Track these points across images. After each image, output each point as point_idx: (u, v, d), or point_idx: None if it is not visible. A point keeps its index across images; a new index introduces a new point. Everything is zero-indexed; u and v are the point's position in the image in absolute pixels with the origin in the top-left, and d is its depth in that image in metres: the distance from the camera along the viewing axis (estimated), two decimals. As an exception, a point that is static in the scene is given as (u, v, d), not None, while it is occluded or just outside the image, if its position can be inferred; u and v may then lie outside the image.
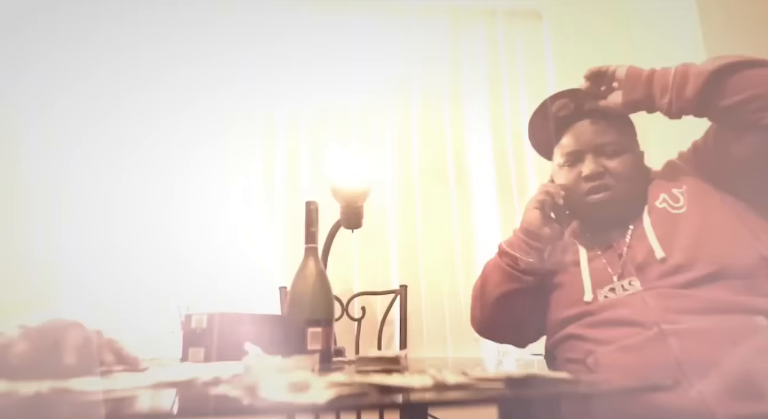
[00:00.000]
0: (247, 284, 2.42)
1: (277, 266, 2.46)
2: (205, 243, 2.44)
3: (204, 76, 2.62)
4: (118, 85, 2.56)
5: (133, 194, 2.45)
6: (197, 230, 2.46)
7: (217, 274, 2.41)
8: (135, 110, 2.54)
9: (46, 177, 2.40)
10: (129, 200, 2.44)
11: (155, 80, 2.58)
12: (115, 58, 2.56)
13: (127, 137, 2.50)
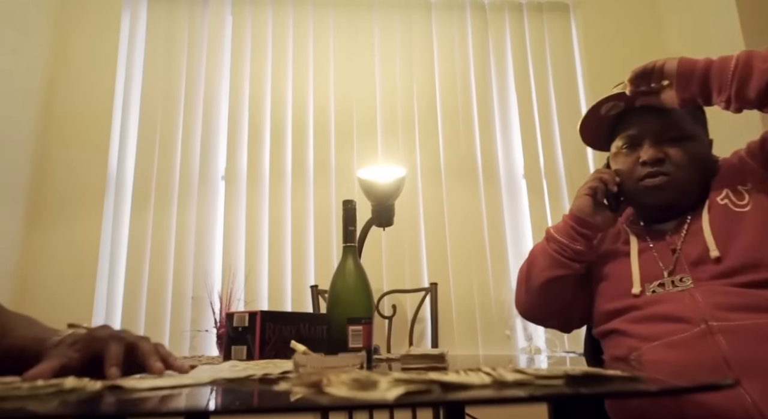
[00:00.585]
0: (279, 282, 2.45)
1: (308, 265, 2.48)
2: (236, 242, 2.48)
3: (234, 73, 2.66)
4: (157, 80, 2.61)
5: (169, 192, 2.50)
6: (228, 229, 2.49)
7: (249, 272, 2.44)
8: (179, 107, 2.59)
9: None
10: (164, 197, 2.49)
11: (205, 76, 2.63)
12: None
13: (170, 133, 2.56)
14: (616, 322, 1.09)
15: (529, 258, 1.23)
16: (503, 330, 2.45)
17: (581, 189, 1.19)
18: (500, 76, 2.79)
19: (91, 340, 0.65)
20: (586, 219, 1.15)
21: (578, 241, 1.15)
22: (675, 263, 1.06)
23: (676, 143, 1.10)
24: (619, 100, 1.19)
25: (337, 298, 1.04)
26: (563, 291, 1.18)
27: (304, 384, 0.48)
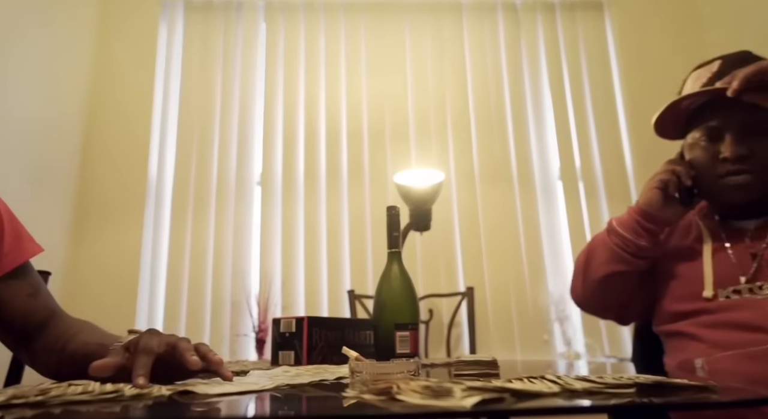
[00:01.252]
0: (314, 286, 2.47)
1: (344, 269, 2.49)
2: (272, 247, 2.51)
3: (268, 80, 2.71)
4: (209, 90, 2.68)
5: (206, 198, 2.55)
6: (264, 234, 2.53)
7: (285, 276, 2.47)
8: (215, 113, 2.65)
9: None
10: (202, 203, 2.54)
11: (246, 84, 2.68)
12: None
13: (205, 143, 2.61)
14: (684, 324, 1.03)
15: (588, 249, 1.16)
16: (541, 334, 2.42)
17: (651, 181, 1.10)
18: (533, 77, 2.76)
19: (134, 347, 0.66)
20: (653, 214, 1.07)
21: (643, 236, 1.07)
22: (756, 270, 0.97)
23: (764, 139, 1.00)
24: (708, 96, 1.07)
25: (383, 304, 1.04)
26: (623, 287, 1.12)
27: (372, 392, 0.49)
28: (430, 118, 2.69)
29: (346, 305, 2.40)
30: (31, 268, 0.90)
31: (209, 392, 0.55)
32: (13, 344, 0.89)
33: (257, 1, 2.77)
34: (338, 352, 1.13)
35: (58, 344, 0.83)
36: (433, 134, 2.68)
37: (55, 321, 0.87)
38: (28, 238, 0.91)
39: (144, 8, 2.72)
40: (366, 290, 2.44)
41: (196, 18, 2.75)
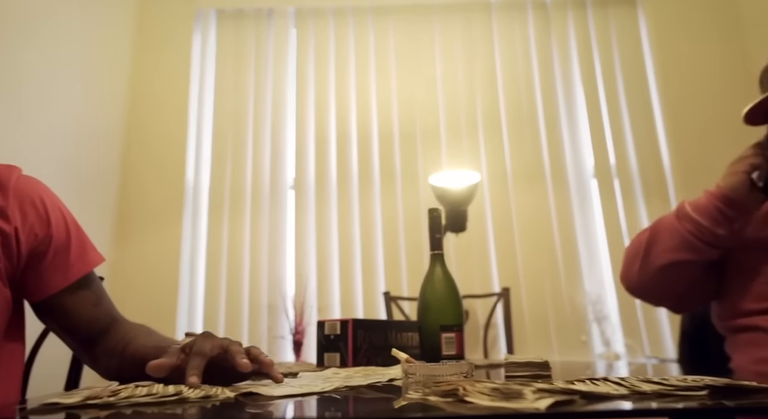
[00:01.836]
0: (349, 288, 2.49)
1: (378, 271, 2.50)
2: (306, 250, 2.54)
3: (299, 84, 2.74)
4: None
5: (241, 203, 2.59)
6: (298, 237, 2.56)
7: (320, 279, 2.50)
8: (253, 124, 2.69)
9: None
10: (238, 208, 2.59)
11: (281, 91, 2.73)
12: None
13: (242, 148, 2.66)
14: (763, 319, 0.97)
15: (651, 232, 1.07)
16: (579, 335, 2.38)
17: (738, 164, 1.01)
18: (565, 75, 2.73)
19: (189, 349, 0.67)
20: (737, 200, 0.98)
21: (721, 224, 0.98)
22: None
23: None
24: None
25: (427, 306, 1.05)
26: (685, 276, 1.05)
27: (436, 393, 0.49)
28: (460, 118, 2.68)
29: (381, 306, 2.40)
30: (94, 277, 0.93)
31: (273, 394, 0.57)
32: (76, 348, 0.92)
33: (287, 8, 2.81)
34: (382, 354, 1.14)
35: (118, 348, 0.85)
36: (464, 135, 2.67)
37: (116, 327, 0.90)
38: (92, 248, 0.94)
39: (178, 18, 2.79)
40: (400, 291, 2.44)
41: (228, 25, 2.81)
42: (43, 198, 0.89)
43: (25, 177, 0.90)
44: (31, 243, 0.85)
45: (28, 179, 0.90)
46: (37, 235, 0.86)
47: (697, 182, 2.44)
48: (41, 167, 1.99)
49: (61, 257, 0.87)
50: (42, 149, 2.01)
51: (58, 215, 0.90)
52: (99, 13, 2.43)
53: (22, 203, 0.85)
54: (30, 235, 0.85)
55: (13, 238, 0.83)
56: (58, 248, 0.88)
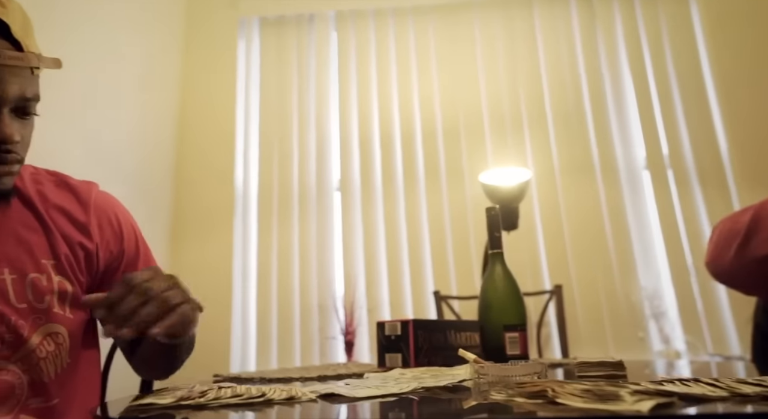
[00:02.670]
0: (398, 288, 2.49)
1: (426, 270, 2.50)
2: (354, 251, 2.56)
3: (341, 87, 2.76)
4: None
5: (289, 206, 2.64)
6: (346, 238, 2.58)
7: (369, 279, 2.51)
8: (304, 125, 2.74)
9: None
10: (286, 211, 2.63)
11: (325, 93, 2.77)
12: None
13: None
14: None
15: (754, 217, 0.97)
16: (636, 332, 2.31)
17: None
18: (612, 66, 2.65)
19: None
20: None
21: None
22: None
23: None
24: None
25: (489, 305, 1.04)
26: None
27: (522, 395, 0.49)
28: (505, 114, 2.65)
29: (431, 306, 2.40)
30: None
31: (355, 395, 0.58)
32: (125, 348, 0.98)
33: (328, 12, 2.84)
34: (442, 354, 1.14)
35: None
36: (509, 131, 2.63)
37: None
38: (154, 262, 0.97)
39: (223, 28, 2.86)
40: (449, 290, 2.43)
41: (270, 32, 2.86)
42: (117, 214, 0.93)
43: (102, 193, 0.94)
44: (107, 259, 0.90)
45: (105, 195, 0.94)
46: (112, 251, 0.90)
47: (757, 169, 2.35)
48: (101, 177, 2.08)
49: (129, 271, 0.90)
50: (101, 159, 2.10)
51: (130, 230, 0.94)
52: (149, 26, 2.52)
53: (101, 220, 0.89)
54: (106, 251, 0.89)
55: (95, 255, 0.87)
56: (128, 264, 0.92)
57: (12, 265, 0.80)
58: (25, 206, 0.84)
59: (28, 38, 0.74)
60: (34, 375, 0.81)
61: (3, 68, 0.70)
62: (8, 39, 0.72)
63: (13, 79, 0.71)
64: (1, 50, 0.70)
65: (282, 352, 2.45)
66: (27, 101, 0.75)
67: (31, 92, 0.74)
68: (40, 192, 0.86)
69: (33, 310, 0.81)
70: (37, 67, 0.74)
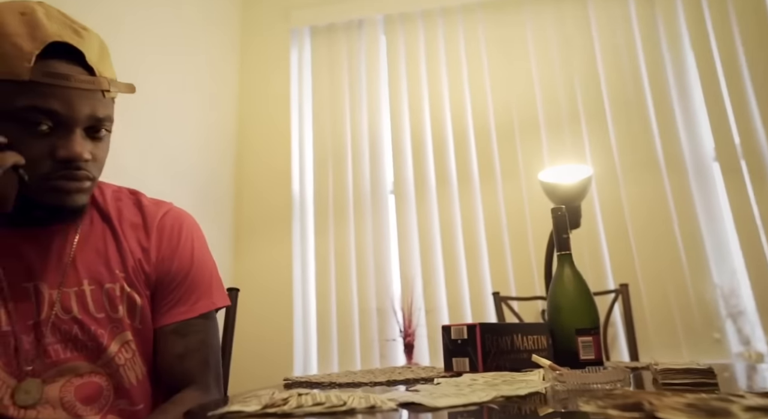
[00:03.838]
0: (456, 290, 2.47)
1: (484, 271, 2.47)
2: (410, 253, 2.56)
3: (392, 90, 2.77)
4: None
5: (344, 210, 2.67)
6: (401, 241, 2.59)
7: (426, 281, 2.50)
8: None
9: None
10: (341, 216, 2.67)
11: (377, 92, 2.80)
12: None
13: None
14: None
15: None
16: (711, 333, 2.19)
17: None
18: (675, 56, 2.52)
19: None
20: None
21: None
22: None
23: None
24: None
25: (559, 308, 1.01)
26: None
27: (616, 407, 0.47)
28: (561, 111, 2.58)
29: (490, 307, 2.37)
30: (201, 328, 0.91)
31: (436, 404, 0.57)
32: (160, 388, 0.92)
33: (376, 16, 2.86)
34: (510, 358, 1.12)
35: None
36: (565, 128, 2.56)
37: (183, 395, 0.86)
38: (212, 293, 0.93)
39: (276, 39, 2.93)
40: (509, 291, 2.39)
41: (321, 40, 2.91)
42: (179, 238, 0.93)
43: (172, 213, 0.95)
44: (160, 276, 0.90)
45: (173, 216, 0.94)
46: (168, 271, 0.91)
47: None
48: (172, 190, 2.18)
49: (167, 299, 0.90)
50: (172, 172, 2.20)
51: (185, 256, 0.92)
52: (209, 45, 2.62)
53: (160, 241, 0.91)
54: (161, 271, 0.90)
55: (151, 274, 0.89)
56: (167, 291, 0.90)
57: (91, 276, 0.85)
58: (103, 220, 0.89)
59: (101, 64, 0.79)
60: (117, 381, 0.84)
61: (75, 91, 0.75)
62: (83, 65, 0.76)
63: (84, 101, 0.76)
64: (73, 75, 0.74)
65: (343, 355, 2.48)
66: (98, 122, 0.79)
67: (102, 113, 0.78)
68: (118, 209, 0.91)
69: (110, 319, 0.85)
70: (108, 90, 0.78)
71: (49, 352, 0.80)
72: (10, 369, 0.78)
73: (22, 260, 0.82)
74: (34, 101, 0.72)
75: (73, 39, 0.75)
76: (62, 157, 0.75)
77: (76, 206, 0.79)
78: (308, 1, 2.91)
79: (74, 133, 0.76)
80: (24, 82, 0.71)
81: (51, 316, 0.81)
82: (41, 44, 0.72)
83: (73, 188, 0.78)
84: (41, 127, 0.74)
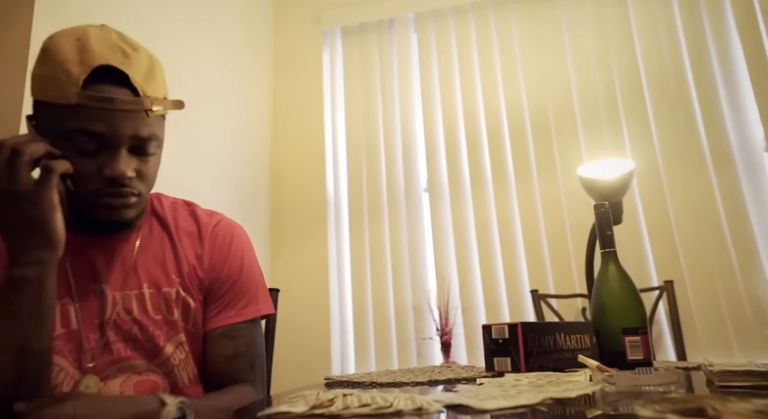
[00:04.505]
0: (492, 287, 2.44)
1: (521, 269, 2.43)
2: (446, 251, 2.54)
3: (424, 88, 2.76)
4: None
5: (378, 209, 2.68)
6: (436, 239, 2.57)
7: (462, 279, 2.48)
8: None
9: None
10: (376, 215, 2.67)
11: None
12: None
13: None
14: None
15: None
16: (763, 331, 2.10)
17: None
18: (720, 43, 2.42)
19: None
20: None
21: None
22: None
23: None
24: None
25: (604, 307, 0.99)
26: None
27: (677, 412, 0.45)
28: (598, 105, 2.51)
29: (528, 305, 2.33)
30: (248, 332, 0.94)
31: (484, 407, 0.57)
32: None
33: (407, 14, 2.84)
34: (553, 358, 1.10)
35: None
36: (603, 121, 2.49)
37: (233, 387, 0.89)
38: (260, 300, 0.97)
39: (308, 41, 2.96)
40: (547, 289, 2.35)
41: (352, 40, 2.91)
42: (230, 246, 0.97)
43: (224, 223, 1.00)
44: (212, 282, 0.95)
45: (225, 226, 0.99)
46: (218, 278, 0.95)
47: None
48: (212, 193, 2.23)
49: (216, 303, 0.94)
50: (212, 176, 2.25)
51: (236, 264, 0.97)
52: (243, 50, 2.66)
53: (213, 248, 0.96)
54: (213, 278, 0.95)
55: (206, 284, 0.94)
56: (217, 296, 0.94)
57: (150, 280, 0.90)
58: (162, 228, 0.95)
59: (147, 84, 0.81)
60: (172, 380, 0.88)
61: (118, 113, 0.78)
62: (129, 86, 0.79)
63: (128, 122, 0.79)
64: (117, 97, 0.77)
65: (380, 353, 2.48)
66: (141, 141, 0.82)
67: (145, 133, 0.81)
68: (174, 218, 0.97)
69: (166, 321, 0.89)
70: (151, 110, 0.81)
71: (112, 350, 0.85)
72: (77, 365, 0.84)
73: (89, 264, 0.88)
74: (81, 124, 0.76)
75: (119, 61, 0.78)
76: (108, 175, 0.79)
77: (123, 220, 0.84)
78: (339, 2, 2.92)
79: (119, 152, 0.79)
80: (72, 105, 0.76)
81: (113, 316, 0.86)
82: (88, 69, 0.76)
83: (119, 204, 0.82)
84: (88, 146, 0.78)
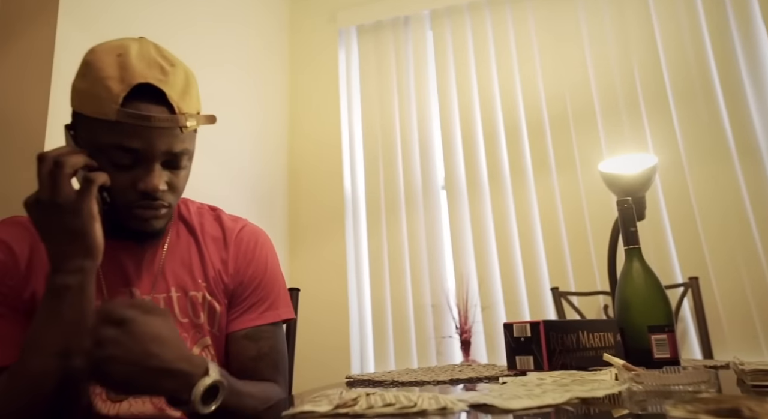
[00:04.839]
0: (512, 285, 2.43)
1: (541, 266, 2.41)
2: (464, 248, 2.53)
3: (440, 85, 2.74)
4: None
5: (396, 207, 2.67)
6: (454, 236, 2.56)
7: (481, 277, 2.47)
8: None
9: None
10: (393, 213, 2.67)
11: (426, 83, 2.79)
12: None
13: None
14: None
15: None
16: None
17: None
18: (744, 33, 2.36)
19: None
20: None
21: None
22: None
23: None
24: None
25: (628, 305, 0.97)
26: None
27: (710, 413, 0.44)
28: (618, 99, 2.47)
29: (548, 302, 2.31)
30: (271, 335, 0.97)
31: (509, 406, 0.56)
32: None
33: (422, 12, 2.83)
34: (576, 356, 1.08)
35: None
36: (624, 115, 2.45)
37: (259, 381, 0.91)
38: (281, 304, 1.00)
39: (324, 40, 2.97)
40: (568, 286, 2.32)
41: (368, 39, 2.91)
42: (254, 251, 1.00)
43: (248, 229, 1.02)
44: (236, 286, 0.97)
45: (249, 232, 1.02)
46: (241, 281, 0.97)
47: None
48: (230, 194, 2.25)
49: (239, 306, 0.96)
50: (230, 177, 2.26)
51: (259, 269, 0.99)
52: (257, 45, 2.67)
53: (237, 253, 0.98)
54: (237, 282, 0.97)
55: (231, 288, 0.96)
56: (240, 299, 0.96)
57: (177, 284, 0.92)
58: (189, 233, 0.97)
59: (183, 100, 0.83)
60: None
61: (155, 130, 0.80)
62: (165, 103, 0.81)
63: (163, 139, 0.81)
64: (154, 115, 0.79)
65: (399, 352, 2.48)
66: (175, 156, 0.84)
67: (178, 148, 0.84)
68: (201, 223, 0.99)
69: (192, 324, 0.92)
70: (185, 127, 0.83)
71: None
72: None
73: (120, 268, 0.90)
74: (119, 140, 0.79)
75: (157, 79, 0.80)
76: (141, 189, 0.82)
77: (154, 230, 0.87)
78: (354, 1, 2.92)
79: (153, 167, 0.82)
80: (111, 121, 0.78)
81: None
82: (128, 87, 0.78)
83: (151, 215, 0.85)
84: (124, 161, 0.81)
